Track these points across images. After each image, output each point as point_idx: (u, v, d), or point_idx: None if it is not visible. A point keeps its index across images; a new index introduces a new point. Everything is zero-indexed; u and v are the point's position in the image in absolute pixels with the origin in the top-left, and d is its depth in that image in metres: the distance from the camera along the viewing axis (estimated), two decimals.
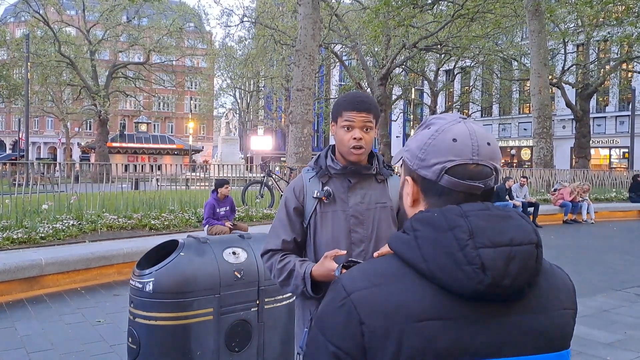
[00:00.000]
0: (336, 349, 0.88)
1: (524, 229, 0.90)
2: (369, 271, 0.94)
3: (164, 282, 3.10)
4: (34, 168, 11.69)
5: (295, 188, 2.05)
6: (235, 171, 14.28)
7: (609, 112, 36.18)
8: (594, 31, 24.80)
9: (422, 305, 0.86)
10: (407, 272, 0.89)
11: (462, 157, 0.94)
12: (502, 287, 0.85)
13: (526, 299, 0.89)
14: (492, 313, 0.87)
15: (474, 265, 0.84)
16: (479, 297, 0.85)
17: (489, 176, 0.95)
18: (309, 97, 13.88)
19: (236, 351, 3.29)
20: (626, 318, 5.52)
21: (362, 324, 0.86)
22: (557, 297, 0.94)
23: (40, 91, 35.43)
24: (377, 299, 0.88)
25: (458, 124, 0.98)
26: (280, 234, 2.02)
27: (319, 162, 2.05)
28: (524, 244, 0.87)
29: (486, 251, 0.85)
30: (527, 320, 0.89)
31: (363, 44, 25.91)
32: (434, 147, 0.96)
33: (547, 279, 0.94)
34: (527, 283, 0.88)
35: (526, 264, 0.86)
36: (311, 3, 13.50)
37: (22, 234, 7.21)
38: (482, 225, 0.88)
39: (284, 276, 1.95)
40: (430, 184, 0.97)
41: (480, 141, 0.95)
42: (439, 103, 36.03)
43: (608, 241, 11.57)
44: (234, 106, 48.15)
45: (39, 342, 4.50)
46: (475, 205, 0.92)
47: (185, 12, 33.62)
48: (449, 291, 0.86)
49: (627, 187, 18.43)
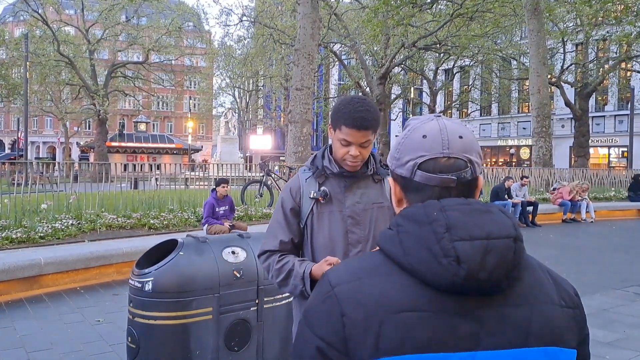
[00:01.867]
0: (320, 341, 0.90)
1: (503, 223, 0.90)
2: (354, 266, 0.97)
3: (163, 281, 3.10)
4: (33, 167, 11.68)
5: (292, 188, 2.04)
6: (235, 170, 14.27)
7: (608, 112, 36.19)
8: (593, 30, 24.81)
9: (401, 298, 0.88)
10: (390, 266, 0.92)
11: (432, 151, 0.96)
12: (479, 280, 0.85)
13: (508, 292, 0.89)
14: (472, 306, 0.87)
15: (449, 258, 0.85)
16: (457, 289, 0.86)
17: (462, 168, 0.96)
18: (308, 97, 13.88)
19: (235, 350, 3.30)
20: (625, 317, 5.53)
21: (344, 316, 0.88)
22: (543, 290, 0.93)
23: (39, 90, 35.40)
24: (359, 291, 0.90)
25: (430, 121, 1.01)
26: (278, 234, 2.01)
27: (315, 163, 2.03)
28: (501, 237, 0.88)
29: (462, 244, 0.86)
30: (507, 313, 0.88)
31: (362, 43, 25.88)
32: (406, 145, 1.00)
33: (533, 274, 0.94)
34: (506, 276, 0.87)
35: (503, 257, 0.87)
36: (310, 2, 13.49)
37: (21, 234, 7.20)
38: (460, 219, 0.89)
39: (283, 276, 1.93)
40: (407, 181, 0.99)
41: (450, 135, 0.97)
42: (438, 102, 36.02)
43: (607, 240, 11.57)
44: (233, 105, 48.14)
45: (38, 342, 4.50)
46: (455, 200, 0.93)
47: (184, 12, 33.60)
48: (428, 284, 0.88)
49: (626, 186, 18.44)
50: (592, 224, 14.09)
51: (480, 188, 1.02)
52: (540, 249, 9.94)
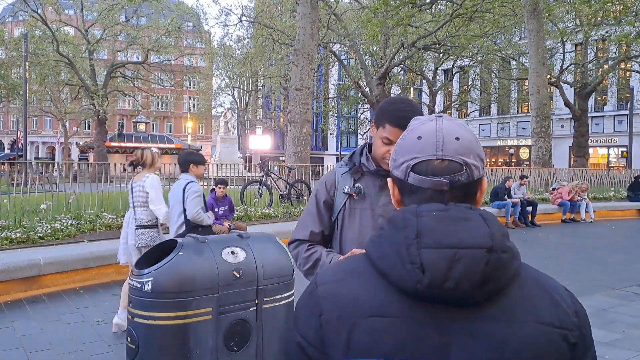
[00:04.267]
0: (301, 339, 0.92)
1: (478, 232, 0.86)
2: (339, 267, 0.98)
3: (162, 281, 3.09)
4: (32, 168, 11.66)
5: (327, 182, 2.07)
6: (234, 170, 14.26)
7: (608, 112, 36.21)
8: (592, 30, 24.82)
9: (374, 302, 0.88)
10: (369, 269, 0.92)
11: (425, 153, 0.94)
12: (445, 290, 0.83)
13: (486, 306, 0.86)
14: (445, 317, 0.85)
15: (414, 265, 0.84)
16: (424, 297, 0.85)
17: (456, 171, 0.93)
18: (308, 97, 13.88)
19: (235, 351, 3.29)
20: (625, 317, 5.53)
21: (321, 315, 0.90)
22: (531, 309, 0.87)
23: (38, 91, 35.34)
24: (337, 292, 0.91)
25: (429, 122, 0.98)
26: (309, 225, 2.05)
27: (353, 159, 2.06)
28: (472, 247, 0.84)
29: (428, 251, 0.85)
30: (483, 327, 0.85)
31: (361, 43, 25.88)
32: (402, 147, 0.99)
33: (525, 289, 0.89)
34: (479, 289, 0.84)
35: (472, 268, 0.83)
36: (310, 2, 13.49)
37: (21, 234, 7.20)
38: (431, 225, 0.87)
39: (310, 265, 1.98)
40: (402, 183, 0.98)
41: (446, 137, 0.94)
42: (437, 102, 36.05)
43: (606, 240, 11.58)
44: (232, 105, 48.18)
45: (37, 342, 4.50)
46: (434, 206, 0.91)
47: (183, 12, 33.55)
48: (401, 290, 0.87)
49: (625, 186, 18.45)
50: (592, 224, 14.10)
51: (484, 191, 0.99)
52: (540, 249, 9.95)
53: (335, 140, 55.78)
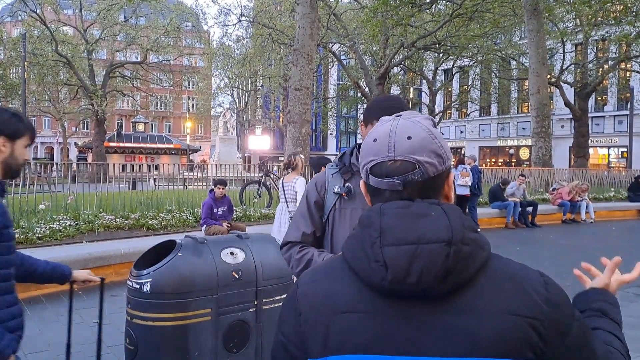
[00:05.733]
0: (284, 338, 0.97)
1: (437, 227, 0.88)
2: (319, 267, 1.03)
3: (161, 282, 3.07)
4: (31, 168, 11.63)
5: (318, 182, 2.08)
6: (233, 171, 14.24)
7: (608, 112, 36.22)
8: (592, 30, 24.83)
9: (346, 299, 0.92)
10: (344, 267, 0.96)
11: (380, 155, 0.96)
12: (407, 285, 0.86)
13: (451, 299, 0.88)
14: (413, 310, 0.88)
15: (378, 263, 0.88)
16: (390, 293, 0.88)
17: (409, 170, 0.94)
18: (307, 97, 13.86)
19: (234, 352, 3.27)
20: (624, 317, 5.47)
21: (300, 315, 0.95)
22: (497, 300, 0.88)
23: (37, 91, 35.34)
24: (313, 292, 0.96)
25: (387, 123, 1.00)
26: (301, 226, 2.05)
27: (343, 159, 2.07)
28: (432, 242, 0.87)
29: (389, 249, 0.88)
30: (452, 320, 0.87)
31: (361, 43, 25.86)
32: (363, 149, 1.02)
33: (492, 281, 0.90)
34: (442, 281, 0.86)
35: (432, 263, 0.86)
36: (309, 2, 13.47)
37: (19, 235, 7.17)
38: (393, 223, 0.90)
39: (302, 266, 1.97)
40: (366, 185, 1.02)
41: (398, 137, 0.96)
42: (437, 102, 36.04)
43: (607, 240, 11.56)
44: (231, 105, 48.16)
45: (36, 343, 4.47)
46: (395, 204, 0.94)
47: (182, 12, 33.54)
48: (370, 287, 0.90)
49: (625, 187, 18.45)
50: (592, 225, 14.09)
51: (450, 185, 1.00)
52: (540, 250, 9.94)
53: (334, 140, 55.85)
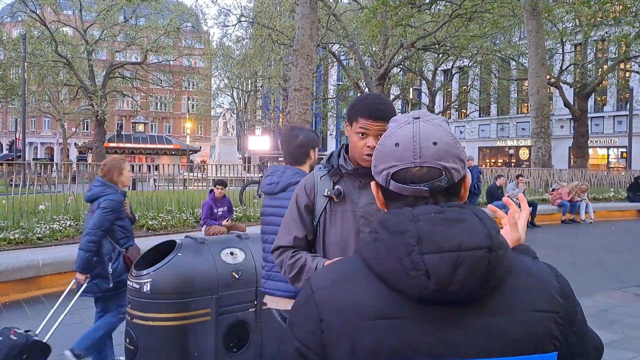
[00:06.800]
0: (299, 344, 0.93)
1: (476, 233, 0.88)
2: (334, 270, 0.98)
3: (161, 282, 3.08)
4: (31, 168, 11.63)
5: (307, 185, 2.04)
6: (233, 171, 14.25)
7: (607, 112, 36.21)
8: (591, 31, 24.80)
9: (375, 305, 0.88)
10: (366, 272, 0.92)
11: (404, 161, 0.95)
12: (450, 293, 0.85)
13: (485, 301, 0.88)
14: (447, 314, 0.87)
15: (419, 272, 0.85)
16: (427, 300, 0.86)
17: (436, 177, 0.94)
18: (307, 97, 13.85)
19: (234, 352, 3.28)
20: (625, 318, 5.51)
21: (321, 321, 0.90)
22: (525, 298, 0.90)
23: (37, 91, 35.31)
24: (336, 297, 0.91)
25: (406, 125, 0.98)
26: (292, 230, 2.01)
27: (331, 161, 2.04)
28: (473, 248, 0.86)
29: (431, 257, 0.85)
30: (483, 322, 0.87)
31: (361, 44, 25.88)
32: (381, 153, 0.99)
33: (518, 280, 0.91)
34: (481, 287, 0.86)
35: (475, 270, 0.85)
36: (309, 3, 13.47)
37: (19, 235, 7.18)
38: (431, 230, 0.88)
39: (295, 272, 1.94)
40: (384, 189, 1.00)
41: (423, 142, 0.94)
42: (437, 103, 36.01)
43: (606, 241, 11.57)
44: (231, 106, 48.13)
45: None
46: (429, 209, 0.92)
47: (182, 12, 33.51)
48: (403, 294, 0.88)
49: (625, 187, 18.45)
50: (592, 225, 14.09)
51: (467, 187, 1.00)
52: (540, 250, 9.89)
53: (334, 141, 55.79)
